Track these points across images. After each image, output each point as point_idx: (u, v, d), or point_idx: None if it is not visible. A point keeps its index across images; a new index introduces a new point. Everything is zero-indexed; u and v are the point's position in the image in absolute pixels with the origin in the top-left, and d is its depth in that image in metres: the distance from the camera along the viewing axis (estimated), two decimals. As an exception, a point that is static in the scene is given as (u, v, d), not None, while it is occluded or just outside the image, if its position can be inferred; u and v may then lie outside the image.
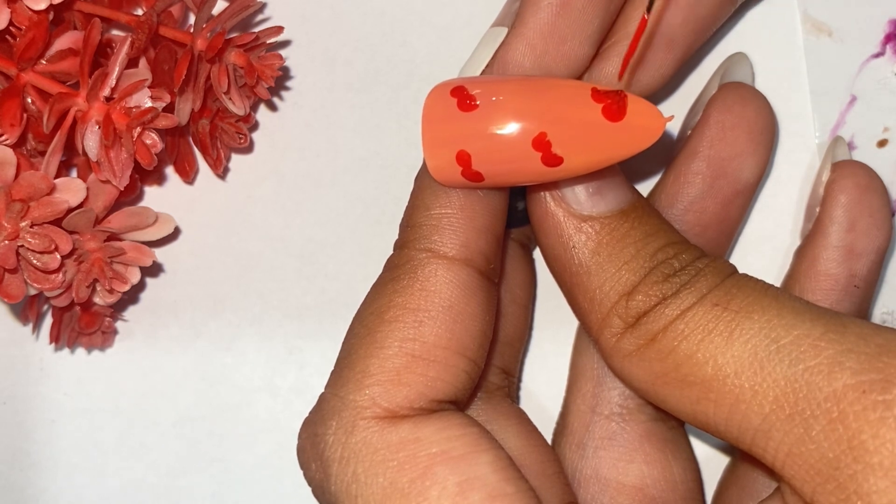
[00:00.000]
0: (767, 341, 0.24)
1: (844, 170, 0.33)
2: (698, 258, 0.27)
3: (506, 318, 0.33)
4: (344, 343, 0.28)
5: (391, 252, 0.37)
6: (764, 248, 0.36)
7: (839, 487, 0.23)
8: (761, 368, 0.24)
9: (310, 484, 0.27)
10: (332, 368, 0.28)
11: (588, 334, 0.29)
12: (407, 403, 0.26)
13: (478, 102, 0.26)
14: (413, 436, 0.25)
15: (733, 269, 0.27)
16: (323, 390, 0.28)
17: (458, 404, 0.28)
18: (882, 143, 0.35)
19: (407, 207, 0.29)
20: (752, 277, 0.27)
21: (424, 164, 0.28)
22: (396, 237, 0.29)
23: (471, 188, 0.28)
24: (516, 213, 0.31)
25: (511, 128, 0.26)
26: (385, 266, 0.28)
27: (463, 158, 0.26)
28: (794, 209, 0.36)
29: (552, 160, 0.26)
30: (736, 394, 0.25)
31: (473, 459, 0.25)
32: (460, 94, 0.27)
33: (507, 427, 0.31)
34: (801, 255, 0.33)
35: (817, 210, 0.33)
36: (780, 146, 0.36)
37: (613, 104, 0.25)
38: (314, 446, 0.27)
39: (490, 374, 0.32)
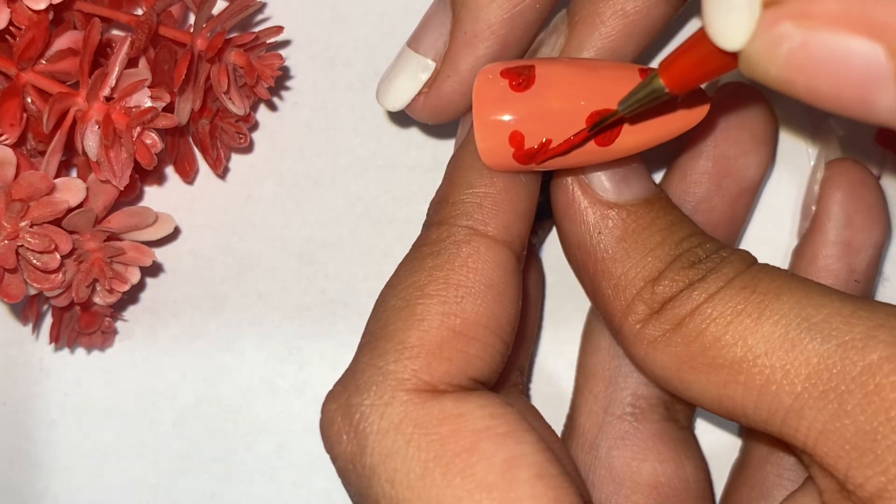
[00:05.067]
0: (798, 320, 0.25)
1: (839, 167, 0.33)
2: (721, 248, 0.27)
3: None
4: (374, 315, 0.27)
5: (391, 252, 0.37)
6: (764, 248, 0.36)
7: (877, 459, 0.23)
8: (793, 347, 0.24)
9: (337, 458, 0.26)
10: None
11: (609, 324, 0.29)
12: (447, 379, 0.26)
13: (531, 82, 0.26)
14: (456, 411, 0.25)
15: (755, 259, 0.27)
16: (352, 361, 0.27)
17: (487, 387, 0.27)
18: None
19: (443, 185, 0.29)
20: (774, 266, 0.27)
21: (465, 144, 0.28)
22: (425, 216, 0.29)
23: (516, 171, 0.28)
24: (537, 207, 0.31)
25: (566, 107, 0.26)
26: (418, 242, 0.28)
27: (516, 139, 0.27)
28: (794, 209, 0.36)
29: (605, 139, 0.26)
30: (766, 374, 0.25)
31: (518, 438, 0.25)
32: (511, 75, 0.27)
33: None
34: (800, 253, 0.33)
35: (813, 208, 0.33)
36: (779, 146, 0.36)
37: None
38: (347, 417, 0.26)
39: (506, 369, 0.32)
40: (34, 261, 0.30)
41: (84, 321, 0.34)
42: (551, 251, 0.36)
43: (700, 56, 0.22)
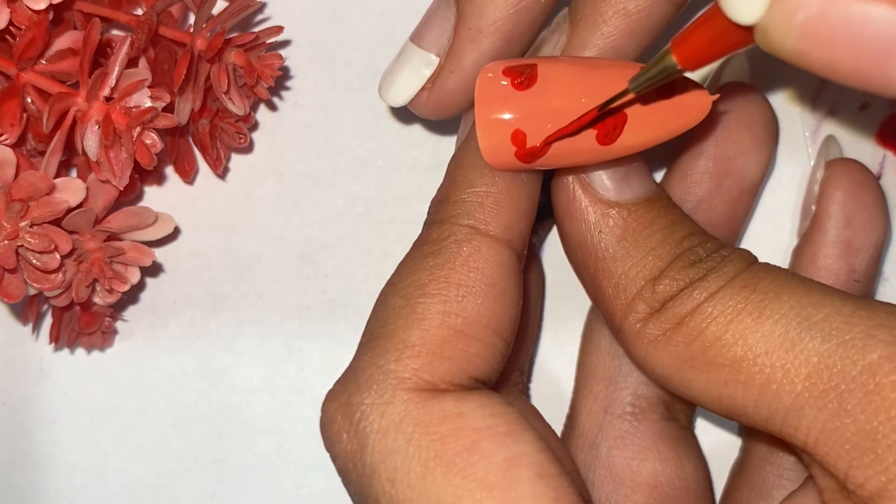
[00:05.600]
0: (799, 319, 0.25)
1: (838, 166, 0.33)
2: (722, 247, 0.27)
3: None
4: (374, 314, 0.27)
5: (391, 252, 0.37)
6: (764, 248, 0.36)
7: (877, 459, 0.23)
8: (793, 346, 0.24)
9: (337, 457, 0.26)
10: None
11: (609, 323, 0.29)
12: (448, 378, 0.26)
13: (533, 81, 0.26)
14: (457, 410, 0.25)
15: (756, 258, 0.27)
16: (352, 360, 0.27)
17: (487, 386, 0.27)
18: (864, 107, 0.35)
19: (444, 184, 0.29)
20: (775, 266, 0.27)
21: (467, 143, 0.28)
22: (426, 215, 0.29)
23: (518, 170, 0.28)
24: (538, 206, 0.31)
25: (568, 105, 0.26)
26: (419, 241, 0.28)
27: (518, 138, 0.27)
28: (794, 209, 0.36)
29: (607, 138, 0.26)
30: (766, 374, 0.25)
31: (518, 437, 0.25)
32: (513, 74, 0.27)
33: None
34: (799, 252, 0.33)
35: (813, 208, 0.33)
36: (779, 146, 0.36)
37: None
38: (347, 416, 0.26)
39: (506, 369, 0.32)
40: (34, 261, 0.30)
41: (84, 321, 0.34)
42: (552, 251, 0.36)
43: (714, 31, 0.22)
